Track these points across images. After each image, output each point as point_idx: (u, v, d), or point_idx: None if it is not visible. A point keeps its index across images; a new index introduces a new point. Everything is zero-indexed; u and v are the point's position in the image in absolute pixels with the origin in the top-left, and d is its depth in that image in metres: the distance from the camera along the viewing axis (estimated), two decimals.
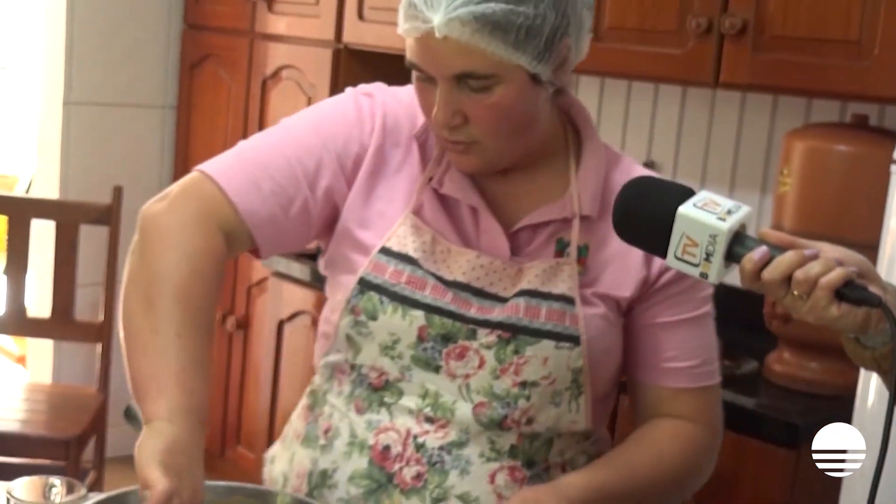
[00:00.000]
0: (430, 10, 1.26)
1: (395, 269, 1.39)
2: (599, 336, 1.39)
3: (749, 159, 2.66)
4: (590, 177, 1.42)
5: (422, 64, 1.32)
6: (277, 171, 1.39)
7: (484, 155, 1.37)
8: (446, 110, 1.32)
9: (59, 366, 3.66)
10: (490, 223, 1.40)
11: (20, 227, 3.06)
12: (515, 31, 1.26)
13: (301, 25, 3.22)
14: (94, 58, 3.55)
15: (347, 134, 1.43)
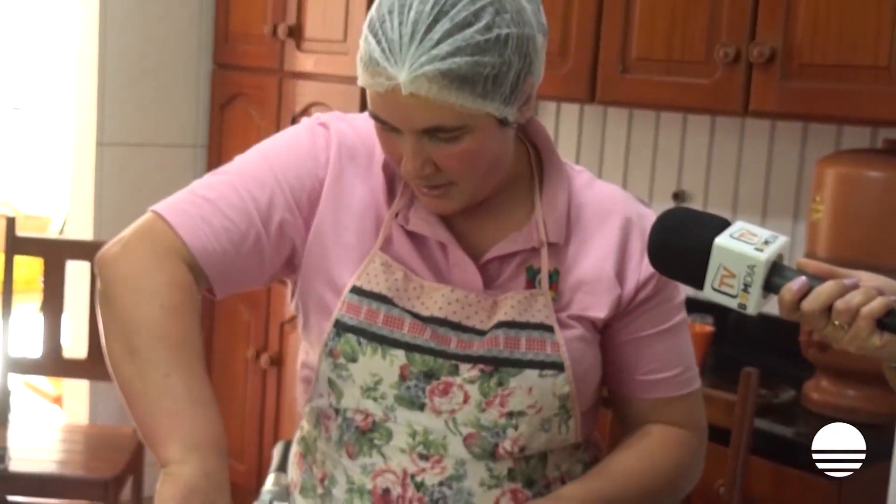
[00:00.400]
0: (395, 67, 1.23)
1: (370, 308, 1.38)
2: (581, 358, 1.40)
3: (780, 187, 2.65)
4: (554, 201, 1.42)
5: (387, 118, 1.29)
6: (229, 206, 1.36)
7: (461, 196, 1.36)
8: (416, 162, 1.30)
9: (96, 406, 3.68)
10: (460, 257, 1.39)
11: (56, 268, 3.08)
12: (482, 81, 1.25)
13: (329, 63, 3.24)
14: (126, 99, 3.59)
15: (300, 166, 1.41)
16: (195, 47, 3.71)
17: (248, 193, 1.37)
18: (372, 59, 1.25)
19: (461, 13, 1.23)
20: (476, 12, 1.24)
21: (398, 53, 1.23)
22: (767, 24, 2.23)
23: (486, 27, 1.24)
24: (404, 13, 1.24)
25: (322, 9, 3.25)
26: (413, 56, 1.22)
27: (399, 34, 1.23)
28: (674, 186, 2.85)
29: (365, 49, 1.27)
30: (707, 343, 2.47)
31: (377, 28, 1.26)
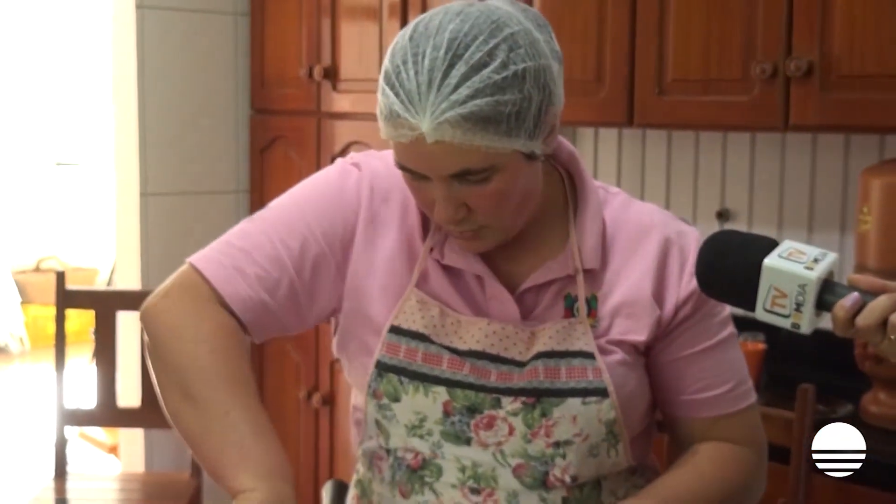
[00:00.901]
0: (416, 117, 1.23)
1: (409, 347, 1.39)
2: (624, 382, 1.39)
3: (825, 200, 2.63)
4: (588, 226, 1.41)
5: (415, 167, 1.29)
6: (262, 255, 1.39)
7: (494, 236, 1.36)
8: (448, 207, 1.30)
9: (151, 454, 3.70)
10: (496, 289, 1.40)
11: (107, 319, 3.11)
12: (505, 120, 1.24)
13: (366, 101, 3.26)
14: (167, 149, 3.63)
15: (332, 212, 1.43)
16: (232, 94, 3.75)
17: (280, 241, 1.40)
18: (392, 111, 1.25)
19: (475, 55, 1.23)
20: (490, 52, 1.24)
21: (418, 103, 1.23)
22: (803, 37, 2.22)
23: (502, 65, 1.24)
24: (419, 62, 1.24)
25: (356, 49, 3.28)
26: (433, 104, 1.22)
27: (416, 84, 1.23)
28: (717, 205, 2.84)
29: (383, 102, 1.27)
30: (760, 361, 2.45)
31: (393, 80, 1.26)
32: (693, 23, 2.43)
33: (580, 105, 2.63)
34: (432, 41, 1.25)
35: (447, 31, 1.26)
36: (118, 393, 3.11)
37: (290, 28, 3.54)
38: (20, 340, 7.19)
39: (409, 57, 1.26)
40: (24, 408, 5.93)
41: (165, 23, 3.57)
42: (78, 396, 3.47)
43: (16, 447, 5.29)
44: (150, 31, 3.54)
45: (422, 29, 1.29)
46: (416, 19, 1.34)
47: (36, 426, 5.52)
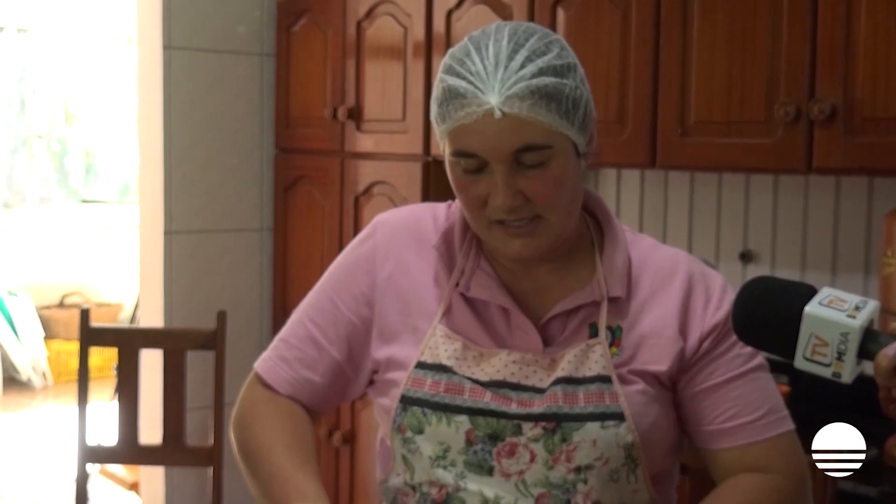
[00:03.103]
0: (486, 93, 1.32)
1: (433, 380, 1.43)
2: (644, 411, 1.41)
3: (849, 243, 2.62)
4: (614, 260, 1.46)
5: (478, 149, 1.35)
6: (297, 338, 1.54)
7: (547, 231, 1.40)
8: (507, 193, 1.35)
9: (172, 491, 3.70)
10: (521, 320, 1.44)
11: (130, 357, 3.12)
12: (565, 101, 1.34)
13: (389, 142, 3.29)
14: (192, 187, 3.66)
15: (350, 281, 1.53)
16: (257, 133, 3.78)
17: (311, 322, 1.54)
18: (458, 94, 1.34)
19: (535, 45, 1.35)
20: (546, 44, 1.36)
21: (487, 81, 1.33)
22: (826, 80, 2.23)
23: (558, 56, 1.36)
24: (483, 51, 1.36)
25: (380, 90, 3.31)
26: (502, 80, 1.32)
27: (483, 66, 1.34)
28: (740, 247, 2.84)
29: (444, 93, 1.37)
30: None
31: (457, 69, 1.36)
32: (716, 65, 2.44)
33: (603, 146, 2.62)
34: (492, 38, 1.37)
35: (504, 30, 1.38)
36: (140, 430, 3.12)
37: (314, 69, 3.58)
38: (43, 375, 7.22)
39: (472, 50, 1.37)
40: (45, 443, 5.95)
41: (192, 63, 3.61)
42: (99, 433, 3.47)
43: (37, 483, 5.30)
44: (176, 71, 3.58)
45: (477, 35, 1.40)
46: (462, 41, 1.44)
47: (57, 462, 5.53)
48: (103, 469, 4.93)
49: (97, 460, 3.20)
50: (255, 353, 3.94)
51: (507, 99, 1.32)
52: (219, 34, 3.66)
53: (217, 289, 3.71)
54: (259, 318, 3.82)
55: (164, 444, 3.11)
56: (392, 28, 3.26)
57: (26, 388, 7.13)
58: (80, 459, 3.12)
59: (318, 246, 3.59)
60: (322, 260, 3.55)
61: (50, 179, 7.95)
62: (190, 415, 3.15)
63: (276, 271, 3.82)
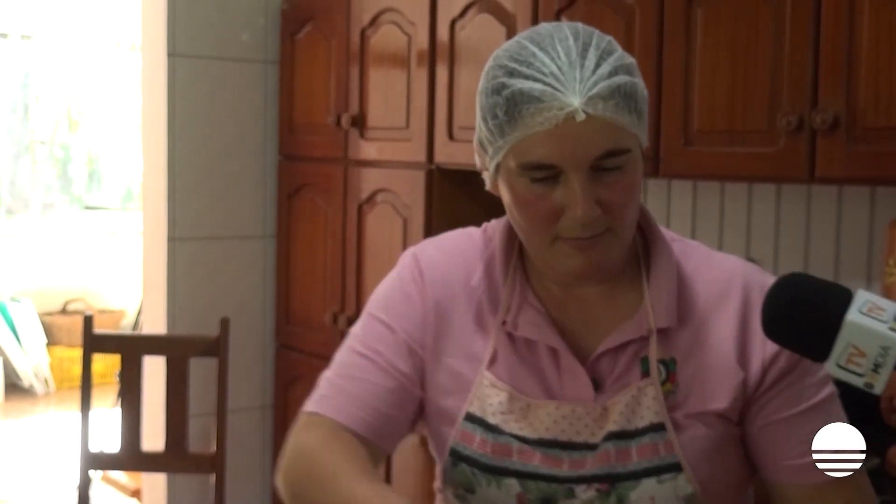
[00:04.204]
0: (566, 95, 1.22)
1: (481, 437, 1.36)
2: (703, 458, 1.32)
3: (851, 251, 2.63)
4: (662, 283, 1.36)
5: (556, 157, 1.24)
6: (360, 372, 1.40)
7: (613, 246, 1.31)
8: (587, 202, 1.24)
9: (174, 498, 3.70)
10: (570, 362, 1.35)
11: (132, 364, 3.13)
12: (640, 100, 1.28)
13: (393, 149, 3.29)
14: (195, 194, 3.66)
15: (402, 317, 1.42)
16: (261, 140, 3.79)
17: (370, 350, 1.41)
18: (531, 97, 1.23)
19: (601, 44, 1.27)
20: (610, 42, 1.29)
21: (565, 81, 1.23)
22: (829, 90, 2.23)
23: (623, 54, 1.29)
24: (550, 51, 1.25)
25: (384, 97, 3.31)
26: (581, 80, 1.23)
27: (557, 66, 1.24)
28: (743, 256, 2.83)
29: (511, 98, 1.25)
30: None
31: (525, 72, 1.25)
32: (719, 74, 2.44)
33: None
34: (555, 37, 1.27)
35: (565, 29, 1.28)
36: (142, 437, 3.12)
37: (318, 76, 3.58)
38: (45, 382, 7.23)
39: (538, 51, 1.26)
40: (47, 450, 5.95)
41: (196, 70, 3.62)
42: (102, 439, 3.48)
43: (39, 489, 5.30)
44: (180, 78, 3.59)
45: (533, 35, 1.30)
46: (506, 44, 1.33)
47: (59, 468, 5.53)
48: (105, 476, 4.93)
49: (99, 467, 3.21)
50: (258, 359, 3.98)
51: (589, 100, 1.22)
52: (223, 41, 3.67)
53: (220, 296, 3.71)
54: (262, 325, 3.83)
55: (167, 450, 3.12)
56: (396, 36, 3.27)
57: (28, 395, 7.13)
58: (82, 466, 3.12)
59: (322, 253, 3.60)
60: (325, 267, 3.56)
61: (53, 186, 7.97)
62: (192, 421, 3.16)
63: (279, 278, 3.82)
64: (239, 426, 3.70)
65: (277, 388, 3.83)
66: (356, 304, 3.43)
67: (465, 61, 3.05)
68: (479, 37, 3.00)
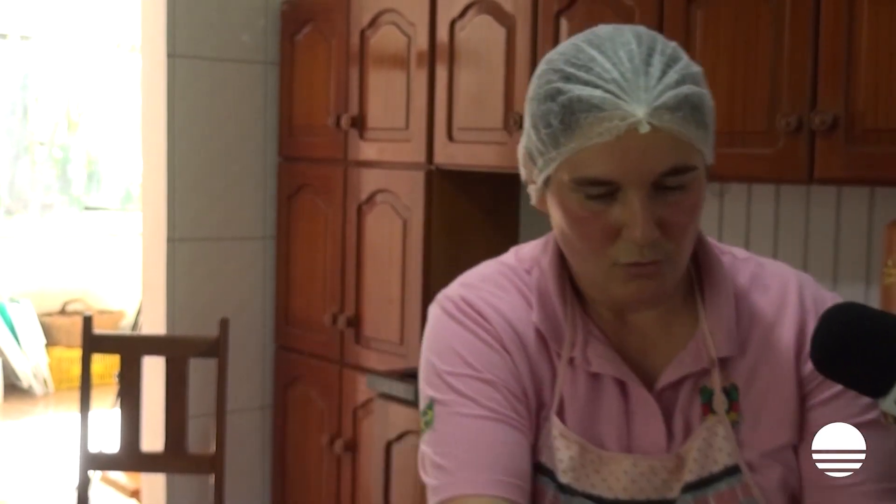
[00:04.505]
0: (629, 104, 1.11)
1: (553, 496, 1.25)
2: (782, 496, 1.24)
3: (850, 252, 2.63)
4: (720, 309, 1.26)
5: (615, 173, 1.13)
6: (482, 433, 1.22)
7: (671, 271, 1.20)
8: (647, 223, 1.13)
9: (173, 498, 3.70)
10: (640, 395, 1.25)
11: (132, 364, 3.13)
12: (708, 113, 1.16)
13: (392, 150, 3.30)
14: (195, 195, 3.67)
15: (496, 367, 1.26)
16: (261, 141, 3.79)
17: (481, 409, 1.23)
18: (591, 105, 1.12)
19: (667, 49, 1.17)
20: (675, 48, 1.18)
21: (629, 90, 1.11)
22: (828, 91, 2.23)
23: (690, 62, 1.18)
24: (611, 55, 1.14)
25: (383, 98, 3.32)
26: (647, 89, 1.11)
27: (620, 72, 1.12)
28: None
29: (567, 106, 1.14)
30: None
31: (583, 77, 1.14)
32: (718, 75, 2.44)
33: None
34: (615, 40, 1.16)
35: (627, 32, 1.18)
36: (142, 437, 3.12)
37: (318, 77, 3.59)
38: (44, 382, 7.22)
39: (598, 56, 1.15)
40: (47, 450, 5.95)
41: (196, 71, 3.62)
42: (101, 440, 3.48)
43: (39, 490, 5.30)
44: (180, 79, 3.59)
45: (591, 37, 1.19)
46: (560, 47, 1.22)
47: (59, 469, 5.53)
48: (105, 476, 4.94)
49: (99, 467, 3.21)
50: (257, 360, 3.98)
51: (654, 110, 1.10)
52: (223, 42, 3.67)
53: (219, 296, 3.71)
54: (262, 326, 3.83)
55: (166, 451, 3.12)
56: (395, 37, 3.27)
57: (27, 396, 7.13)
58: (81, 466, 3.13)
59: (321, 254, 3.60)
60: (325, 268, 3.56)
61: (52, 186, 7.96)
62: (192, 422, 3.16)
63: (278, 279, 3.82)
64: (238, 427, 3.70)
65: (277, 388, 3.83)
66: (355, 304, 3.44)
67: (465, 62, 3.05)
68: (479, 37, 3.01)
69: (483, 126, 3.00)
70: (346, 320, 3.45)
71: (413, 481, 3.00)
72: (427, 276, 3.20)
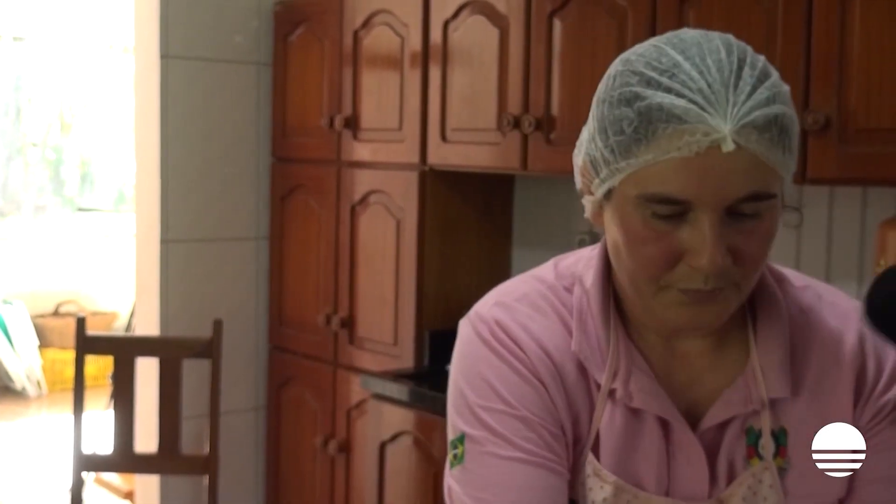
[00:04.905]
0: (715, 117, 1.01)
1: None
2: None
3: (843, 252, 2.63)
4: (773, 345, 1.17)
5: (692, 191, 1.03)
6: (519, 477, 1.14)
7: (730, 302, 1.10)
8: (719, 248, 1.04)
9: (167, 500, 3.70)
10: (683, 436, 1.16)
11: (126, 365, 3.12)
12: (792, 137, 1.06)
13: (386, 151, 3.30)
14: (188, 195, 3.66)
15: (532, 404, 1.17)
16: (254, 142, 3.79)
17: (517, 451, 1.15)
18: (672, 115, 1.01)
19: (757, 63, 1.06)
20: (765, 62, 1.08)
21: (715, 103, 1.01)
22: (820, 92, 2.24)
23: (780, 80, 1.07)
24: (699, 62, 1.04)
25: (377, 99, 3.32)
26: (735, 103, 1.01)
27: (707, 82, 1.02)
28: None
29: (645, 113, 1.04)
30: None
31: (665, 83, 1.03)
32: None
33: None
34: (704, 47, 1.06)
35: (713, 39, 1.07)
36: (135, 439, 3.12)
37: (311, 78, 3.59)
38: (38, 384, 7.21)
39: (683, 61, 1.04)
40: (40, 452, 5.94)
41: (189, 72, 3.62)
42: (95, 441, 3.47)
43: (32, 492, 5.29)
44: (173, 80, 3.59)
45: (675, 41, 1.08)
46: (639, 48, 1.11)
47: (52, 471, 5.52)
48: (98, 478, 4.93)
49: (92, 469, 3.21)
50: (251, 361, 3.98)
51: (742, 128, 1.01)
52: (216, 43, 3.67)
53: (213, 297, 3.71)
54: (255, 327, 3.83)
55: (160, 452, 3.12)
56: (389, 37, 3.27)
57: (20, 397, 7.12)
58: (74, 468, 3.12)
59: (315, 255, 3.60)
60: (318, 269, 3.56)
61: (45, 188, 7.95)
62: (185, 423, 3.16)
63: (272, 280, 3.82)
64: (232, 428, 3.70)
65: (270, 389, 3.83)
66: (349, 305, 3.44)
67: (458, 63, 3.05)
68: (472, 38, 3.01)
69: (476, 127, 3.00)
70: (339, 321, 3.45)
71: (407, 481, 3.00)
72: (421, 277, 3.20)
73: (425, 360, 3.17)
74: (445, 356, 3.35)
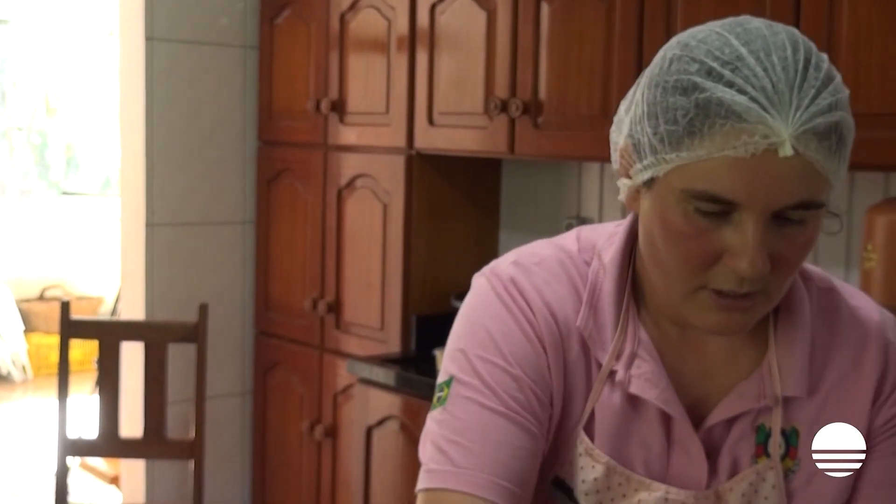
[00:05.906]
0: (775, 119, 0.96)
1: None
2: None
3: (830, 237, 2.63)
4: (794, 344, 1.14)
5: (742, 193, 0.99)
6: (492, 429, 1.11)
7: (761, 309, 1.07)
8: (761, 255, 1.00)
9: (153, 484, 3.69)
10: (683, 433, 1.14)
11: (111, 350, 3.11)
12: (847, 146, 1.02)
13: (373, 134, 3.28)
14: (174, 179, 3.64)
15: (527, 365, 1.14)
16: (240, 126, 3.77)
17: (499, 404, 1.12)
18: (731, 112, 0.97)
19: (822, 64, 1.02)
20: (829, 64, 1.03)
21: (778, 104, 0.97)
22: None
23: (842, 84, 1.03)
24: (764, 58, 0.99)
25: (363, 83, 3.30)
26: (798, 106, 0.97)
27: (771, 81, 0.97)
28: None
29: (702, 106, 0.99)
30: None
31: (728, 77, 0.98)
32: None
33: (586, 139, 2.64)
34: (770, 42, 1.01)
35: (779, 33, 1.03)
36: (120, 423, 3.11)
37: (298, 61, 3.57)
38: (23, 369, 7.19)
39: (746, 55, 0.99)
40: (25, 437, 5.92)
41: (174, 55, 3.60)
42: (80, 426, 3.46)
43: (17, 476, 5.28)
44: (159, 62, 3.57)
45: (738, 29, 1.04)
46: (699, 31, 1.07)
47: (37, 455, 5.51)
48: (83, 462, 4.92)
49: (77, 453, 3.19)
50: (237, 346, 3.95)
51: (802, 134, 0.96)
52: (202, 26, 3.65)
53: (199, 281, 3.70)
54: (241, 311, 3.81)
55: (145, 437, 3.11)
56: (375, 21, 3.26)
57: (6, 382, 7.10)
58: (60, 453, 3.11)
59: (301, 239, 3.58)
60: (304, 253, 3.55)
61: (30, 172, 7.91)
62: (171, 408, 3.15)
63: (258, 264, 3.81)
64: (218, 412, 3.69)
65: (256, 374, 3.82)
66: (335, 289, 3.43)
67: (445, 46, 3.04)
68: (460, 22, 2.99)
69: (463, 110, 2.99)
70: (326, 305, 3.44)
71: (394, 466, 3.00)
72: (407, 261, 3.19)
73: (412, 344, 3.16)
74: (432, 341, 3.36)
